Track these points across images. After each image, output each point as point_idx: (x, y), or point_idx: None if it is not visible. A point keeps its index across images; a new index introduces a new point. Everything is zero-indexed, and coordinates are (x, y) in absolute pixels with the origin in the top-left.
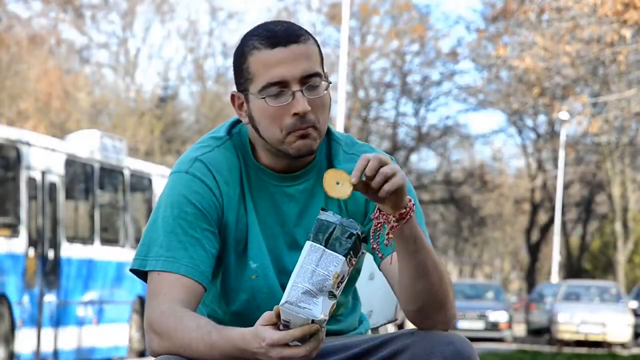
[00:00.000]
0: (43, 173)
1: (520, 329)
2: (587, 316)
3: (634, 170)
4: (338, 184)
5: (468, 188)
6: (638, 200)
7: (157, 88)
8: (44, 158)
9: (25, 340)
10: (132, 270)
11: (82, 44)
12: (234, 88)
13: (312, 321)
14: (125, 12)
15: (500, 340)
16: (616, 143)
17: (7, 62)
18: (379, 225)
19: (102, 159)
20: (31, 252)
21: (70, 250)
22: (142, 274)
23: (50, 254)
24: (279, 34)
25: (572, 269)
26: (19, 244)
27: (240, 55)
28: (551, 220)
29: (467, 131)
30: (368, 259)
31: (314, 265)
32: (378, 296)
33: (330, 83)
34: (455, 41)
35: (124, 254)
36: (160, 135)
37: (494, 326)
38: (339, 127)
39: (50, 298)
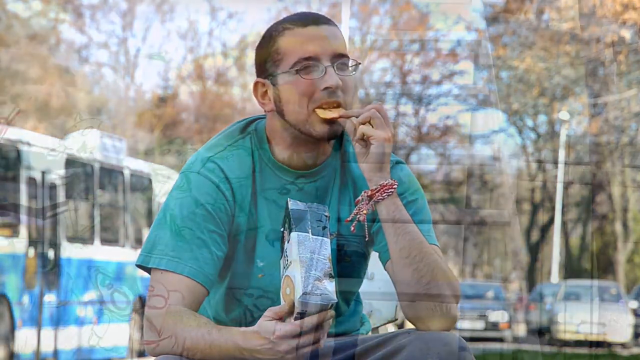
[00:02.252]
0: (43, 173)
1: (520, 329)
2: (587, 316)
3: (633, 170)
4: (331, 110)
5: (468, 188)
6: (638, 200)
7: (157, 88)
8: (44, 158)
9: (25, 340)
10: (137, 265)
11: (82, 44)
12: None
13: (331, 306)
14: (125, 12)
15: (500, 340)
16: (616, 143)
17: (6, 62)
18: (359, 209)
19: (102, 159)
20: (31, 252)
21: (70, 250)
22: (147, 269)
23: (50, 254)
24: (310, 15)
25: (572, 269)
26: (19, 244)
27: (268, 40)
28: (551, 220)
29: (467, 131)
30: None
31: (310, 253)
32: (378, 296)
33: (360, 63)
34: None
35: (124, 254)
36: (160, 135)
37: (494, 326)
38: None
39: (50, 298)
